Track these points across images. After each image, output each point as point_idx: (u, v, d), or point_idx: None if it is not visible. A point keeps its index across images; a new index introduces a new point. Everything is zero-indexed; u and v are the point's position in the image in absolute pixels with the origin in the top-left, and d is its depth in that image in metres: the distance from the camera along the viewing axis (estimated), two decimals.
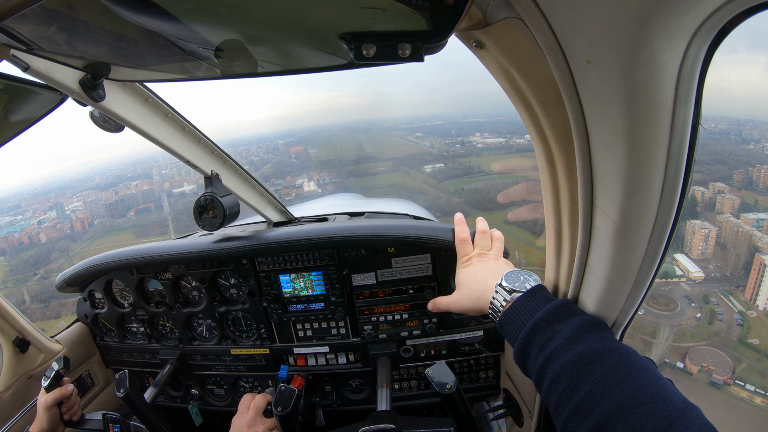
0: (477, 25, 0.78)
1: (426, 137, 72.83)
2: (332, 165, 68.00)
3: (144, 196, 52.30)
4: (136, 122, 1.58)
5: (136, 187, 54.60)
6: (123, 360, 2.58)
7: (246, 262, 2.15)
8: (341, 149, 77.62)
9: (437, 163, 57.97)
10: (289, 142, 76.64)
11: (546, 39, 0.67)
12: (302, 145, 76.09)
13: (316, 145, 79.18)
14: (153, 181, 54.88)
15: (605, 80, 0.66)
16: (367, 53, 0.72)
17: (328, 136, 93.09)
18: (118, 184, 56.32)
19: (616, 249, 0.88)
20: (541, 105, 0.86)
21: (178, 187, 53.19)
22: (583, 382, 0.88)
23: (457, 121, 78.55)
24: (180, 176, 54.34)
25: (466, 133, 62.96)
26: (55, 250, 38.22)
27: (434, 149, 65.80)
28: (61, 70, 1.23)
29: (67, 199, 50.79)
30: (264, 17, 0.78)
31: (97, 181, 57.35)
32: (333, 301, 2.13)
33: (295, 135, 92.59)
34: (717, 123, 39.69)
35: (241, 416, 1.82)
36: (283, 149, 68.92)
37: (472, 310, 1.30)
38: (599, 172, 0.82)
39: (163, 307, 2.36)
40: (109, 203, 49.05)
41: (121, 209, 49.31)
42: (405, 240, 1.94)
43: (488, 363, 2.23)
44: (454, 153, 59.94)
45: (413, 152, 66.73)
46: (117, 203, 50.22)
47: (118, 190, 54.32)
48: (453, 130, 68.99)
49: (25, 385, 2.21)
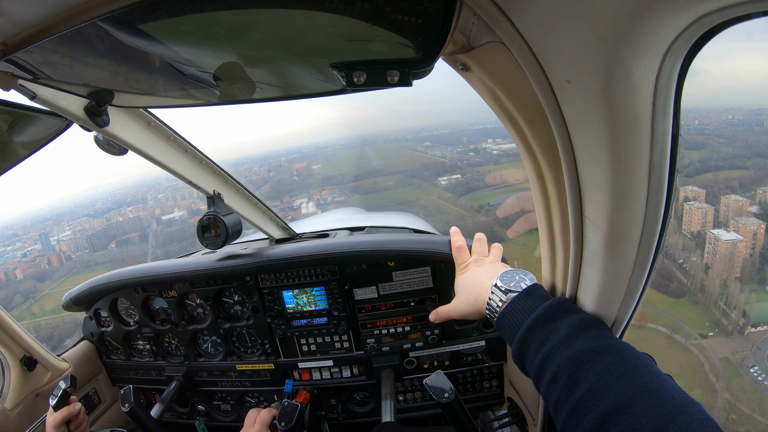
0: (462, 50, 0.81)
1: (435, 146, 69.53)
2: (335, 181, 64.59)
3: (131, 224, 49.63)
4: (140, 146, 1.62)
5: (129, 213, 52.26)
6: (129, 377, 2.60)
7: (249, 279, 2.18)
8: (346, 163, 74.65)
9: (452, 173, 53.65)
10: (293, 159, 74.67)
11: (527, 61, 0.71)
12: (306, 161, 73.92)
13: (320, 161, 76.76)
14: (147, 206, 52.79)
15: (585, 98, 0.69)
16: (358, 80, 0.74)
17: (333, 151, 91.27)
18: (113, 209, 54.12)
19: (607, 257, 0.90)
20: (527, 122, 0.89)
21: (168, 214, 50.73)
22: (581, 381, 0.88)
23: (464, 129, 75.88)
24: (174, 200, 52.07)
25: (477, 140, 59.71)
26: (18, 293, 34.56)
27: (446, 158, 62.24)
28: (67, 97, 1.27)
29: (60, 228, 48.32)
30: (260, 48, 0.82)
31: (97, 206, 55.45)
32: (336, 315, 2.15)
33: (300, 152, 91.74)
34: (733, 114, 39.20)
35: (247, 430, 1.83)
36: (286, 166, 67.02)
37: (471, 314, 1.31)
38: (586, 184, 0.84)
39: (169, 325, 2.38)
40: (90, 234, 46.07)
41: (104, 240, 46.55)
42: (404, 254, 1.97)
43: (491, 372, 2.24)
44: (469, 162, 56.31)
45: (424, 163, 63.52)
46: (100, 234, 47.35)
47: (110, 216, 51.97)
48: (464, 137, 66.51)
49: (32, 403, 2.24)
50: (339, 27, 0.68)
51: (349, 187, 61.78)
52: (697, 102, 60.04)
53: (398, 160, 70.95)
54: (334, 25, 0.68)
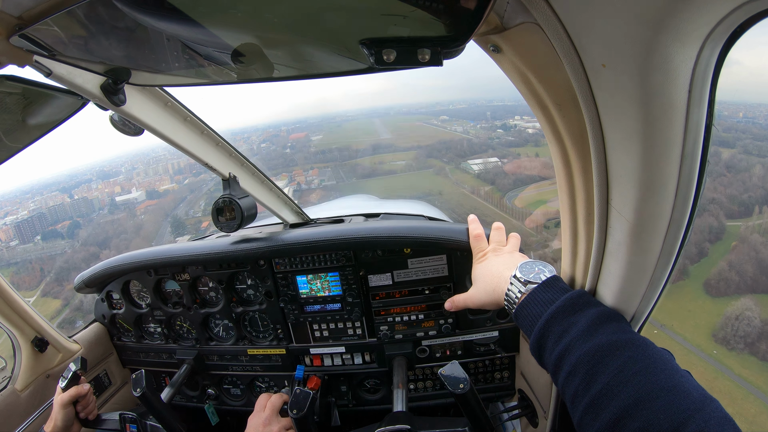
0: (494, 30, 0.80)
1: (453, 120, 63.52)
2: (331, 157, 57.28)
3: (74, 208, 43.54)
4: (156, 126, 1.61)
5: (97, 190, 47.58)
6: (140, 360, 2.64)
7: (263, 263, 2.18)
8: (351, 136, 67.83)
9: (485, 155, 43.39)
10: (294, 129, 68.77)
11: (562, 43, 0.69)
12: (306, 131, 67.18)
13: (323, 131, 70.27)
14: (110, 182, 48.12)
15: (620, 83, 0.67)
16: (388, 58, 0.73)
17: (340, 122, 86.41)
18: (82, 185, 49.48)
19: (632, 249, 0.89)
20: (557, 107, 0.88)
21: (125, 194, 45.51)
22: (600, 375, 0.87)
23: (482, 104, 70.21)
24: (147, 176, 46.95)
25: (502, 116, 54.30)
26: None
27: (470, 135, 54.87)
28: (83, 75, 1.25)
29: (25, 205, 43.02)
30: (285, 23, 0.80)
31: (86, 177, 50.77)
32: (350, 301, 2.15)
33: (306, 122, 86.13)
34: None
35: (257, 415, 1.84)
36: (284, 136, 62.73)
37: (488, 304, 1.30)
38: (614, 173, 0.83)
39: (181, 308, 2.40)
40: (18, 222, 39.50)
41: (38, 228, 39.64)
42: (421, 241, 1.96)
43: (503, 363, 2.23)
44: (503, 141, 49.06)
45: (443, 139, 56.10)
46: (31, 221, 40.44)
47: (75, 193, 47.13)
48: (487, 112, 60.86)
49: (43, 384, 2.25)
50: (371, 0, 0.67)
51: (347, 166, 54.70)
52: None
53: (412, 134, 63.65)
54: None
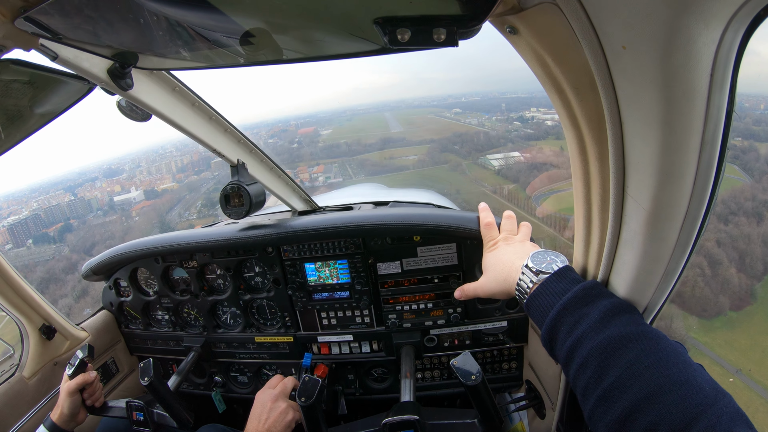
0: (511, 11, 0.78)
1: (467, 113, 61.85)
2: (339, 152, 55.91)
3: (72, 208, 41.56)
4: (164, 111, 1.60)
5: (99, 189, 45.80)
6: (147, 347, 2.66)
7: (272, 251, 2.18)
8: (361, 130, 66.67)
9: (505, 149, 40.57)
10: (303, 123, 67.32)
11: (581, 24, 0.68)
12: (315, 126, 65.86)
13: (333, 126, 69.12)
14: (112, 181, 46.31)
15: (640, 66, 0.65)
16: (402, 38, 0.72)
17: (350, 116, 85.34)
18: (87, 183, 47.96)
19: (647, 237, 0.88)
20: (575, 91, 0.86)
21: (125, 193, 44.11)
22: (612, 368, 0.87)
23: (495, 97, 68.18)
24: (149, 173, 45.36)
25: (518, 108, 52.02)
26: None
27: (486, 128, 52.77)
28: (90, 59, 1.24)
29: (28, 204, 41.27)
30: (296, 2, 0.78)
31: (93, 176, 49.28)
32: (358, 289, 2.14)
33: (315, 117, 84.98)
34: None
35: (266, 391, 1.86)
36: (293, 131, 61.46)
37: (499, 293, 1.29)
38: (632, 160, 0.81)
39: (188, 295, 2.42)
40: (12, 225, 37.09)
41: (33, 231, 37.45)
42: (432, 229, 1.94)
43: (511, 354, 2.23)
44: (522, 133, 46.33)
45: (458, 132, 54.25)
46: (26, 223, 37.99)
47: (78, 192, 45.61)
48: (502, 104, 58.78)
49: (50, 371, 2.27)
50: None
51: (355, 161, 53.44)
52: None
53: (424, 128, 61.79)
54: None
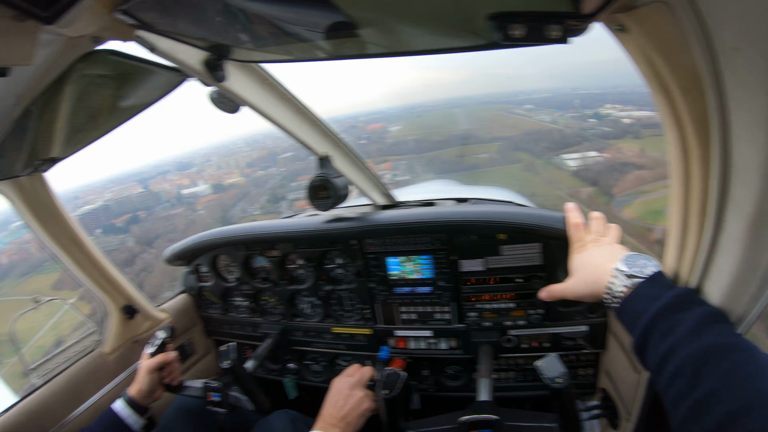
0: (622, 9, 0.79)
1: (539, 110, 58.24)
2: (407, 149, 55.17)
3: (141, 200, 42.28)
4: (256, 102, 1.65)
5: (170, 181, 46.52)
6: (224, 331, 2.75)
7: (355, 243, 2.20)
8: (430, 126, 64.56)
9: (582, 148, 38.96)
10: (371, 119, 66.21)
11: (692, 24, 0.68)
12: (384, 122, 64.86)
13: (402, 122, 67.92)
14: (182, 174, 47.05)
15: (753, 69, 0.64)
16: (515, 34, 0.74)
17: (419, 112, 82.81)
18: (157, 176, 48.97)
19: (748, 245, 0.84)
20: (683, 92, 0.85)
21: (192, 186, 44.61)
22: (706, 378, 0.85)
23: (567, 93, 63.23)
24: (218, 167, 45.34)
25: (592, 105, 47.82)
26: None
27: (559, 125, 49.11)
28: (186, 50, 1.27)
29: (102, 195, 42.64)
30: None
31: (165, 168, 50.50)
32: (441, 285, 2.13)
33: (384, 112, 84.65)
34: None
35: (344, 379, 1.90)
36: (361, 128, 60.44)
37: (587, 296, 1.27)
38: (738, 164, 0.79)
39: (269, 284, 2.48)
40: (84, 214, 36.88)
41: (102, 220, 37.87)
42: (519, 227, 1.91)
43: (588, 360, 2.14)
44: (598, 132, 43.13)
45: (530, 130, 50.86)
46: (95, 213, 38.54)
47: (149, 184, 46.43)
48: (575, 100, 54.14)
49: (130, 349, 2.39)
50: None
51: (423, 158, 51.87)
52: None
53: (494, 125, 58.45)
54: None
